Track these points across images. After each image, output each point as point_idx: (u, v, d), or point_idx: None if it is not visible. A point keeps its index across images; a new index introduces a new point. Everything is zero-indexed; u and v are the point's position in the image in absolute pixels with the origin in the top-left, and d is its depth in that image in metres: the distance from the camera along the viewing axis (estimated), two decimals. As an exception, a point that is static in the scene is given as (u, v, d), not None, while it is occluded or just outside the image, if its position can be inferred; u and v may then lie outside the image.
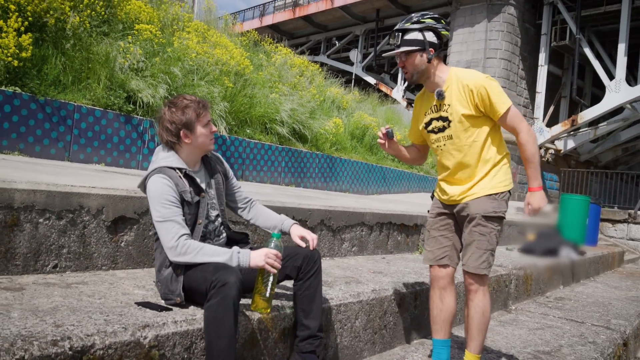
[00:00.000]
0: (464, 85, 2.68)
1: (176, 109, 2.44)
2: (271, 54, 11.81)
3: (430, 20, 2.70)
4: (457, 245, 2.92)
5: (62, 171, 4.10)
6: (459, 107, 2.69)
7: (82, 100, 6.31)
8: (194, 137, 2.46)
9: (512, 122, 2.69)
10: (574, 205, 9.13)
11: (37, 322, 1.88)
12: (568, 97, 20.19)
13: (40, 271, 2.60)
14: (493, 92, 2.64)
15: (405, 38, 2.69)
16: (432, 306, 2.95)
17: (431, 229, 2.96)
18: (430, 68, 2.71)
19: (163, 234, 2.31)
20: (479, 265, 2.74)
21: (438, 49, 2.72)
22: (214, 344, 2.09)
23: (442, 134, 2.79)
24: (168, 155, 2.47)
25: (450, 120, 2.73)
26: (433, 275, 2.93)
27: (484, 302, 2.80)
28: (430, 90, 2.80)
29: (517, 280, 5.17)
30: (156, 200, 2.32)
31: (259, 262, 2.32)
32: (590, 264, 7.85)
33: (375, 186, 11.34)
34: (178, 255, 2.28)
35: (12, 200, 2.45)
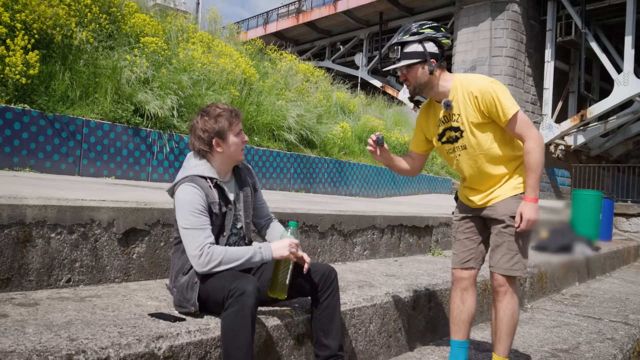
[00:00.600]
0: (468, 92, 2.61)
1: (209, 117, 2.43)
2: (276, 61, 11.85)
3: (430, 30, 2.62)
4: (482, 247, 2.88)
5: (72, 186, 4.13)
6: (468, 115, 2.64)
7: (90, 114, 6.36)
8: (226, 146, 2.45)
9: (520, 129, 2.59)
10: (586, 201, 9.05)
11: (51, 337, 1.88)
12: (576, 92, 20.06)
13: (54, 286, 2.61)
14: (499, 97, 2.56)
15: (405, 51, 2.62)
16: (453, 307, 2.91)
17: (457, 232, 2.93)
18: (433, 79, 2.65)
19: (189, 241, 2.30)
20: (511, 267, 2.69)
21: (440, 59, 2.65)
22: (231, 353, 2.09)
23: (456, 144, 2.74)
24: (200, 163, 2.46)
25: (462, 130, 2.68)
26: (456, 277, 2.90)
27: (513, 304, 2.75)
28: (437, 101, 2.75)
29: (531, 278, 5.13)
30: (185, 208, 2.32)
31: (283, 253, 2.35)
32: (606, 260, 7.77)
33: (385, 189, 11.31)
34: (203, 265, 2.27)
35: (24, 216, 2.47)
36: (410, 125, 14.32)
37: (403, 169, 3.02)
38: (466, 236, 2.88)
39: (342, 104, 12.33)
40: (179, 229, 2.35)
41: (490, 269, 2.79)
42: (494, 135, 2.66)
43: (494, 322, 2.82)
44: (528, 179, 2.61)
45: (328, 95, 11.99)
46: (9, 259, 2.44)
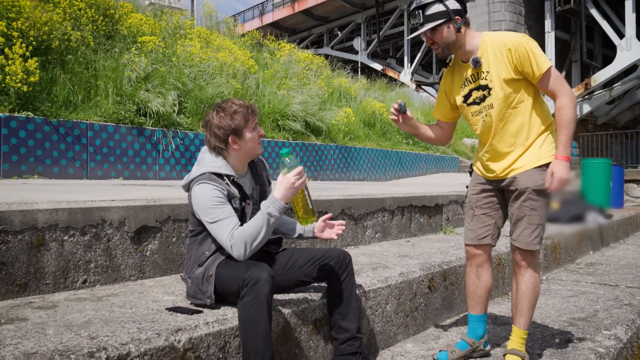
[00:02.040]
0: (500, 45, 2.52)
1: (225, 114, 2.39)
2: (275, 51, 11.81)
3: None
4: (500, 223, 2.80)
5: (81, 188, 4.15)
6: (499, 71, 2.53)
7: (93, 117, 6.38)
8: (242, 142, 2.41)
9: (553, 85, 2.50)
10: (595, 169, 8.99)
11: (72, 337, 1.90)
12: (579, 61, 19.89)
13: (71, 288, 2.64)
14: (533, 50, 2.47)
15: (427, 14, 2.52)
16: (469, 283, 2.86)
17: (474, 207, 2.81)
18: (460, 37, 2.55)
19: (219, 234, 2.29)
20: (531, 242, 2.63)
21: (464, 15, 2.56)
22: (249, 342, 2.10)
23: (483, 104, 2.63)
24: (216, 160, 2.42)
25: (490, 87, 2.57)
26: (471, 253, 2.83)
27: (535, 278, 2.70)
28: (464, 60, 2.64)
29: (545, 250, 5.12)
30: (206, 204, 2.30)
31: (290, 194, 2.27)
32: (619, 227, 7.73)
33: (393, 172, 11.29)
34: (238, 256, 2.27)
35: (36, 221, 2.49)
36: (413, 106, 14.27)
37: (431, 138, 2.93)
38: (484, 212, 2.78)
39: (343, 89, 12.29)
40: (206, 226, 2.33)
41: (511, 242, 2.72)
42: (524, 94, 2.56)
43: (515, 295, 2.76)
44: (560, 136, 2.50)
45: (330, 82, 11.94)
46: (24, 264, 2.46)
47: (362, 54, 25.56)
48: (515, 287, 2.76)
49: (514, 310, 2.79)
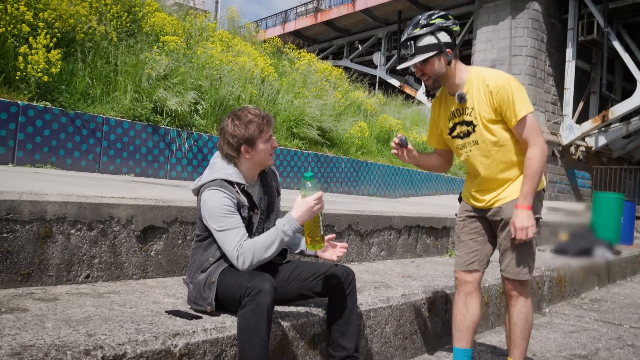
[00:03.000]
0: (483, 85, 2.54)
1: (239, 123, 2.39)
2: (294, 60, 11.86)
3: (439, 19, 2.55)
4: (487, 249, 2.80)
5: (92, 182, 4.18)
6: (481, 110, 2.56)
7: (110, 112, 6.43)
8: (254, 152, 2.42)
9: (528, 133, 2.50)
10: (607, 204, 8.91)
11: (70, 332, 1.90)
12: (598, 92, 19.77)
13: (73, 281, 2.64)
14: (514, 95, 2.48)
15: (418, 45, 2.53)
16: (456, 312, 2.83)
17: (460, 233, 2.86)
18: (450, 70, 2.58)
19: (225, 243, 2.29)
20: (519, 271, 2.64)
21: (454, 48, 2.58)
22: (247, 352, 2.09)
23: (467, 139, 2.66)
24: (227, 167, 2.43)
25: (475, 124, 2.60)
26: (459, 280, 2.82)
27: (527, 308, 2.70)
28: (451, 93, 2.67)
29: (550, 282, 5.07)
30: (216, 211, 2.30)
31: (307, 216, 2.29)
32: (627, 264, 7.64)
33: (402, 189, 11.26)
34: (241, 266, 2.27)
35: (45, 212, 2.50)
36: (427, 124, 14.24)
37: (432, 166, 2.98)
38: (470, 237, 2.80)
39: (360, 103, 12.31)
40: (213, 232, 2.33)
41: (501, 273, 2.75)
42: (507, 132, 2.58)
43: (508, 327, 2.78)
44: (523, 186, 2.52)
45: (347, 95, 11.97)
46: (29, 254, 2.47)
47: (381, 68, 25.62)
48: (508, 318, 2.78)
49: (508, 341, 2.80)
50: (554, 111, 19.24)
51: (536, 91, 18.50)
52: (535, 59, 18.73)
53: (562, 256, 6.11)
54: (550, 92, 19.32)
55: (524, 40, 18.64)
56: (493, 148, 2.60)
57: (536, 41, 18.77)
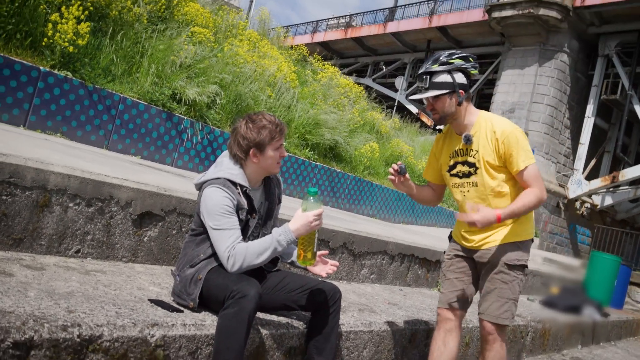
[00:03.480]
0: (491, 131, 2.59)
1: (253, 126, 2.42)
2: (318, 70, 11.91)
3: (459, 60, 2.60)
4: (471, 290, 2.84)
5: (99, 159, 4.19)
6: (486, 154, 2.61)
7: (128, 92, 6.46)
8: (262, 158, 2.44)
9: (529, 180, 2.57)
10: (603, 264, 8.85)
11: (51, 305, 1.91)
12: (612, 152, 19.75)
13: (63, 254, 2.65)
14: (519, 145, 2.54)
15: (433, 81, 2.58)
16: (434, 348, 2.84)
17: (447, 271, 2.90)
18: (459, 111, 2.62)
19: (219, 241, 2.31)
20: (500, 315, 2.66)
21: (468, 90, 2.63)
22: (221, 354, 2.09)
23: (466, 180, 2.71)
24: (234, 167, 2.44)
25: (477, 167, 2.65)
26: (442, 317, 2.85)
27: (502, 354, 2.71)
28: (458, 133, 2.71)
29: (534, 333, 5.03)
30: (215, 209, 2.31)
31: (304, 230, 2.30)
32: (613, 328, 7.58)
33: (403, 215, 11.24)
34: (231, 267, 2.28)
35: (47, 182, 2.52)
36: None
37: (424, 199, 3.01)
38: (456, 276, 2.84)
39: (374, 123, 12.33)
40: (208, 230, 2.34)
41: (479, 316, 2.76)
42: (507, 178, 2.64)
43: None
44: (512, 205, 2.55)
45: (363, 113, 12.00)
46: (24, 220, 2.48)
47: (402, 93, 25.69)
48: None
49: None
50: (566, 164, 19.22)
51: (551, 141, 18.49)
52: (555, 109, 18.74)
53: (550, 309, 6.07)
54: (564, 145, 19.30)
55: (547, 89, 18.67)
56: (491, 193, 2.65)
57: (559, 92, 18.80)
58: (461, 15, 22.38)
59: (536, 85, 18.85)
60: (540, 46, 18.97)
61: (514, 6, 18.59)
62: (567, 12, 18.10)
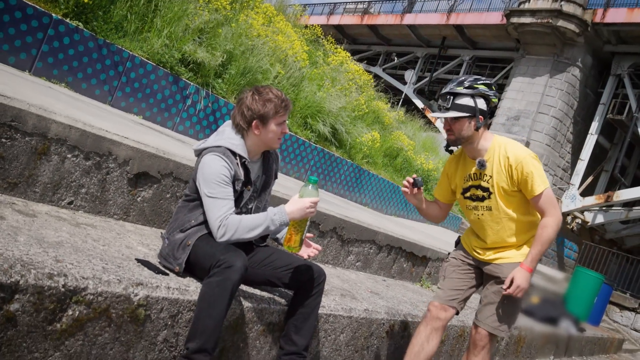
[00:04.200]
0: (505, 157, 2.63)
1: (259, 98, 2.43)
2: (329, 53, 11.84)
3: (483, 86, 2.64)
4: (468, 295, 2.92)
5: (101, 114, 4.18)
6: (500, 180, 2.66)
7: (138, 50, 6.42)
8: (264, 131, 2.45)
9: (544, 205, 2.62)
10: (586, 280, 8.94)
11: (39, 252, 1.92)
12: (610, 172, 19.80)
13: (55, 204, 2.66)
14: (533, 171, 2.59)
15: (456, 102, 2.61)
16: (416, 342, 2.89)
17: (451, 271, 2.94)
18: (475, 135, 2.66)
19: (211, 209, 2.32)
20: (498, 327, 2.75)
21: (486, 117, 2.67)
22: (201, 321, 2.11)
23: (480, 204, 2.76)
24: (235, 137, 2.45)
25: (491, 192, 2.70)
26: (433, 314, 2.89)
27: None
28: (471, 157, 2.76)
29: (509, 339, 5.10)
30: (212, 177, 2.33)
31: (298, 215, 2.32)
32: (587, 343, 7.68)
33: (395, 208, 11.28)
34: (220, 236, 2.29)
35: (48, 130, 2.51)
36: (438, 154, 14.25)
37: (430, 214, 3.04)
38: (459, 277, 2.90)
39: (379, 113, 12.30)
40: (202, 196, 2.35)
41: (475, 322, 2.83)
42: (522, 202, 2.69)
43: None
44: (533, 249, 2.63)
45: (369, 102, 11.96)
46: (21, 165, 2.48)
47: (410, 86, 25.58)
48: None
49: None
50: (563, 177, 19.26)
51: (551, 153, 18.52)
52: (560, 122, 18.74)
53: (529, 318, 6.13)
54: (564, 158, 19.34)
55: (554, 101, 18.65)
56: (505, 216, 2.71)
57: (566, 105, 18.78)
58: (479, 16, 22.22)
59: (544, 96, 18.82)
60: (554, 57, 18.90)
61: (534, 14, 18.47)
62: (586, 27, 18.01)
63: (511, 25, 19.25)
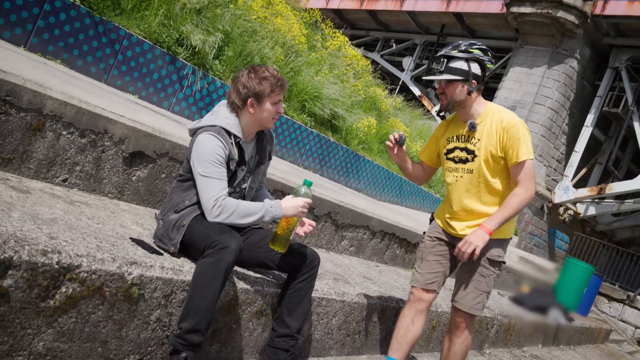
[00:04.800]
0: (498, 121, 2.63)
1: (255, 76, 2.42)
2: (327, 38, 11.77)
3: (478, 51, 2.64)
4: (446, 275, 2.92)
5: (97, 92, 4.14)
6: (488, 144, 2.65)
7: (135, 29, 6.35)
8: (259, 109, 2.44)
9: (522, 176, 2.62)
10: (576, 271, 9.02)
11: (33, 228, 1.91)
12: (603, 164, 19.87)
13: (50, 181, 2.64)
14: (522, 138, 2.59)
15: (450, 65, 2.63)
16: (401, 325, 2.92)
17: (427, 252, 2.94)
18: (468, 100, 2.66)
19: (204, 189, 2.31)
20: (474, 306, 2.76)
21: (480, 82, 2.66)
22: (195, 301, 2.12)
23: (462, 166, 2.74)
24: (230, 117, 2.45)
25: (476, 155, 2.69)
26: (415, 296, 2.91)
27: (469, 341, 2.85)
28: (463, 120, 2.76)
29: (499, 326, 5.14)
30: (206, 156, 2.32)
31: (294, 212, 2.36)
32: (575, 333, 7.77)
33: (390, 194, 11.30)
34: (215, 216, 2.29)
35: (43, 106, 2.49)
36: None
37: (413, 175, 3.06)
38: (436, 259, 2.90)
39: (376, 100, 12.26)
40: (195, 175, 2.35)
41: (453, 303, 2.86)
42: (503, 172, 2.68)
43: (446, 354, 2.91)
44: (498, 212, 2.63)
45: (366, 88, 11.91)
46: (16, 141, 2.46)
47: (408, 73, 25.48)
48: (448, 346, 2.90)
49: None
50: (557, 168, 19.33)
51: (546, 144, 18.55)
52: (556, 113, 18.74)
53: (518, 306, 6.19)
54: (559, 150, 19.38)
55: (551, 92, 18.63)
56: (483, 182, 2.70)
57: (562, 97, 18.78)
58: (479, 4, 22.09)
59: (541, 87, 18.79)
60: (553, 48, 18.84)
61: (534, 4, 18.37)
62: (585, 19, 17.95)
63: (511, 14, 19.15)
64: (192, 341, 2.10)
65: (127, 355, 2.11)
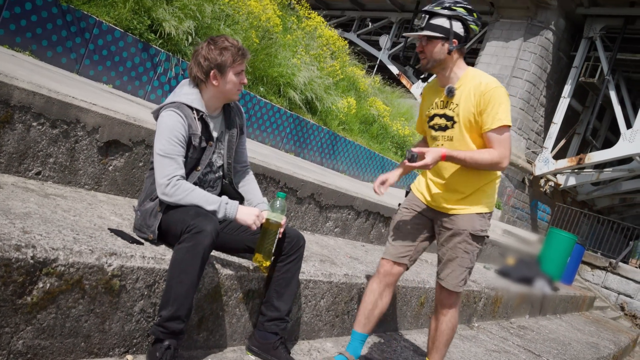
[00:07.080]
0: (477, 84, 2.51)
1: (215, 47, 2.36)
2: (303, 19, 11.63)
3: (462, 9, 2.52)
4: (420, 248, 2.82)
5: (68, 82, 4.03)
6: (466, 109, 2.54)
7: (105, 16, 6.19)
8: (222, 81, 2.38)
9: (497, 144, 2.49)
10: (559, 241, 9.13)
11: (5, 223, 1.84)
12: (582, 134, 20.09)
13: (22, 174, 2.56)
14: (501, 103, 2.47)
15: (431, 22, 2.51)
16: (368, 299, 2.82)
17: (401, 224, 2.82)
18: (448, 60, 2.55)
19: (159, 167, 2.26)
20: (457, 283, 2.71)
21: (462, 42, 2.55)
22: (173, 288, 2.07)
23: (442, 133, 2.65)
24: (191, 92, 2.39)
25: (455, 121, 2.58)
26: (384, 270, 2.81)
27: (455, 318, 2.80)
28: (441, 85, 2.65)
29: (486, 299, 5.18)
30: (164, 133, 2.26)
31: (247, 220, 2.30)
32: (561, 302, 7.88)
33: (373, 174, 11.29)
34: (166, 195, 2.24)
35: (10, 97, 2.40)
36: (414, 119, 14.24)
37: None
38: (410, 232, 2.80)
39: (354, 80, 12.19)
40: (154, 154, 2.30)
41: (438, 281, 2.78)
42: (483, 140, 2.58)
43: (433, 332, 2.84)
44: (462, 152, 2.51)
45: (344, 68, 11.83)
46: (-16, 135, 2.37)
47: (385, 52, 25.39)
48: (435, 325, 2.83)
49: (430, 345, 2.87)
50: (536, 141, 19.49)
51: (525, 117, 18.67)
52: (534, 86, 18.84)
53: (504, 279, 6.25)
54: (537, 122, 19.53)
55: (528, 65, 18.70)
56: (467, 149, 2.58)
57: (539, 69, 18.86)
58: (453, -21, 22.00)
59: (518, 60, 18.85)
60: (528, 21, 18.87)
61: (508, -24, 18.37)
62: (559, -11, 17.99)
63: (485, -12, 19.13)
64: (174, 329, 2.06)
65: (112, 349, 2.06)
